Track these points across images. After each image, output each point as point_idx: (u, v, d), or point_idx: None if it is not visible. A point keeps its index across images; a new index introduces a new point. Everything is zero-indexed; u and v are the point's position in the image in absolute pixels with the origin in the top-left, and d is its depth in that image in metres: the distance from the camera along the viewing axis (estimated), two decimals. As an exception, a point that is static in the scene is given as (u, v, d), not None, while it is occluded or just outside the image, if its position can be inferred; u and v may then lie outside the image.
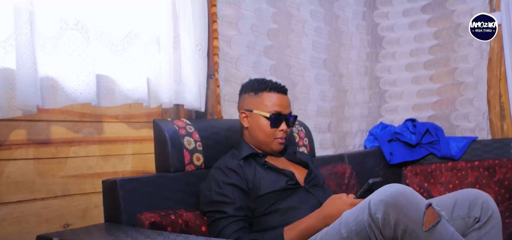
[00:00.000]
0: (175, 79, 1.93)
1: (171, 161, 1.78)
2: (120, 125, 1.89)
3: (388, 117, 3.38)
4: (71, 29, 1.58)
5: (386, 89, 3.41)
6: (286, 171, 1.77)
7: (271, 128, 1.78)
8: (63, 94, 1.57)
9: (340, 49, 3.03)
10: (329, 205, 1.59)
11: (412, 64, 3.34)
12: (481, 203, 1.55)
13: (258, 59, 2.41)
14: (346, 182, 2.44)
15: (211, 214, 1.65)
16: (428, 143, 3.02)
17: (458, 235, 1.30)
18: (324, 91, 2.85)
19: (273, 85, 1.82)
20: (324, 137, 2.80)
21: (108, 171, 1.83)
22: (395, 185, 1.31)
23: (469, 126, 3.09)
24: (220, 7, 2.22)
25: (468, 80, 3.10)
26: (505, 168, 2.69)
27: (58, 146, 1.70)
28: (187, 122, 1.89)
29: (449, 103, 3.18)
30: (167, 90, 1.88)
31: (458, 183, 2.82)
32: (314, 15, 2.83)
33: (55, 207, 1.66)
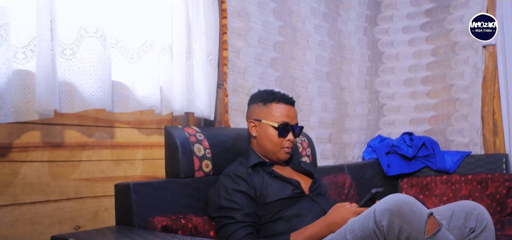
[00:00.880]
0: (187, 87, 1.99)
1: (182, 167, 1.84)
2: (131, 131, 1.94)
3: (386, 130, 3.46)
4: (90, 37, 1.63)
5: (385, 103, 3.49)
6: (292, 180, 1.84)
7: (279, 138, 1.85)
8: (80, 99, 1.62)
9: (342, 62, 3.11)
10: (334, 212, 1.66)
11: (410, 79, 3.42)
12: (476, 214, 1.63)
13: (265, 70, 2.48)
14: (346, 192, 2.51)
15: (220, 219, 1.71)
16: (424, 156, 3.10)
17: (458, 243, 1.38)
18: (326, 103, 2.92)
19: (282, 97, 1.89)
20: (325, 148, 2.87)
21: (119, 175, 1.88)
22: (399, 195, 1.39)
23: (464, 141, 3.17)
24: (230, 19, 2.29)
25: (463, 97, 3.19)
26: (497, 182, 2.77)
27: (73, 149, 1.74)
28: (197, 130, 1.95)
29: (444, 118, 3.27)
30: (179, 98, 1.94)
31: (452, 195, 2.89)
32: (318, 29, 2.91)
33: (67, 209, 1.71)
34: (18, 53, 1.52)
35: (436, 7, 3.31)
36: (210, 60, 2.03)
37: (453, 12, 3.23)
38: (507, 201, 2.69)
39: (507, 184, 2.73)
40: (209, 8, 2.05)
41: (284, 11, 2.65)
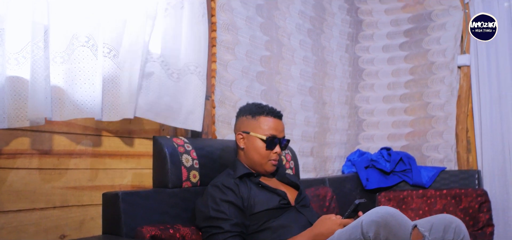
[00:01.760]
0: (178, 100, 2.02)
1: (170, 177, 1.86)
2: (120, 139, 1.94)
3: (365, 145, 3.54)
4: (82, 46, 1.64)
5: (364, 118, 3.58)
6: (279, 191, 1.88)
7: (266, 150, 1.89)
8: (71, 106, 1.63)
9: (325, 78, 3.18)
10: (320, 224, 1.71)
11: (389, 96, 3.51)
12: (454, 227, 1.70)
13: (251, 84, 2.52)
14: (327, 204, 2.56)
15: (208, 229, 1.73)
16: (401, 171, 3.19)
17: (440, 254, 1.45)
18: (308, 117, 2.98)
19: (270, 110, 1.93)
20: (307, 161, 2.92)
21: (106, 184, 1.88)
22: (385, 207, 1.45)
23: (439, 157, 3.27)
24: (220, 32, 2.33)
25: (439, 115, 3.30)
26: (470, 197, 2.87)
27: (60, 157, 1.74)
28: (185, 140, 1.97)
29: (421, 134, 3.36)
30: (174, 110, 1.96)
31: (428, 209, 2.98)
32: (302, 45, 2.98)
33: (53, 218, 1.69)
34: (10, 59, 1.52)
35: (414, 28, 3.43)
36: (199, 72, 2.06)
37: (430, 33, 3.35)
38: (479, 215, 2.79)
39: (479, 199, 2.83)
40: (199, 20, 2.08)
41: (271, 26, 2.71)
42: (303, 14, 3.02)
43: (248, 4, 2.55)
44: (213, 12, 2.31)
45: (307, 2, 3.06)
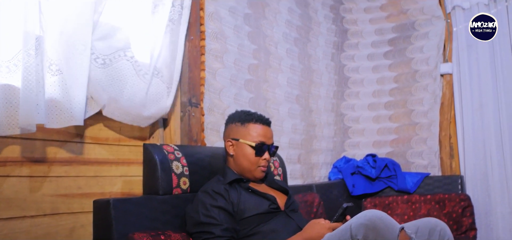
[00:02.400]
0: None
1: (160, 184, 1.87)
2: (109, 147, 1.96)
3: (351, 152, 3.59)
4: (80, 54, 1.66)
5: (350, 126, 3.63)
6: (268, 195, 1.90)
7: (256, 157, 1.91)
8: (66, 114, 1.64)
9: (311, 86, 3.23)
10: (310, 228, 1.74)
11: (374, 104, 3.57)
12: (439, 230, 1.75)
13: (239, 92, 2.55)
14: (314, 210, 2.60)
15: (199, 235, 1.75)
16: (387, 177, 3.24)
17: (426, 256, 1.49)
18: (295, 124, 3.02)
19: (259, 117, 1.96)
20: (294, 168, 2.96)
21: (96, 192, 1.89)
22: (373, 211, 1.49)
23: (423, 163, 3.34)
24: (208, 41, 2.36)
25: (422, 122, 3.36)
26: (454, 202, 2.93)
27: (51, 165, 1.75)
28: (175, 148, 1.99)
29: (405, 141, 3.43)
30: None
31: (413, 214, 3.03)
32: (289, 53, 3.02)
33: (43, 225, 1.70)
34: (1, 66, 1.53)
35: (398, 37, 3.51)
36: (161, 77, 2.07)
37: (414, 42, 3.43)
38: (463, 219, 2.86)
39: (462, 204, 2.89)
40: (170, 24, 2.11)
41: (259, 35, 2.75)
42: (290, 23, 3.07)
43: (236, 13, 2.59)
44: (202, 21, 2.34)
45: (293, 11, 3.11)
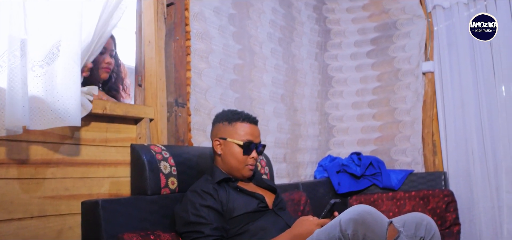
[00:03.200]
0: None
1: (149, 184, 1.87)
2: (96, 148, 1.95)
3: (335, 150, 3.62)
4: (63, 55, 1.65)
5: (334, 124, 3.67)
6: (257, 194, 1.92)
7: (243, 155, 1.93)
8: (51, 115, 1.62)
9: (295, 85, 3.26)
10: (299, 225, 1.76)
11: (358, 102, 3.62)
12: (425, 224, 1.79)
13: (225, 91, 2.56)
14: (301, 208, 2.62)
15: (188, 234, 1.75)
16: (371, 175, 3.28)
17: (414, 249, 1.52)
18: (281, 123, 3.04)
19: (246, 116, 1.98)
20: (280, 167, 2.97)
21: (83, 193, 1.87)
22: (362, 206, 1.51)
23: (406, 160, 3.39)
24: (194, 41, 2.36)
25: (405, 119, 3.42)
26: (437, 198, 2.98)
27: (38, 166, 1.73)
28: (163, 148, 1.99)
29: (389, 139, 3.48)
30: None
31: (398, 211, 3.07)
32: (274, 53, 3.04)
33: (31, 228, 1.68)
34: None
35: (381, 36, 3.56)
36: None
37: (396, 41, 3.49)
38: (446, 215, 2.91)
39: (446, 199, 2.95)
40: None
41: (243, 35, 2.76)
42: (274, 23, 3.09)
43: (220, 13, 2.60)
44: (187, 21, 2.35)
45: (277, 11, 3.14)
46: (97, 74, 2.24)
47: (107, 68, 2.25)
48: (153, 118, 2.17)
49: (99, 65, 2.22)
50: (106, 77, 2.28)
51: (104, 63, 2.23)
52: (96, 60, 2.13)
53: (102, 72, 2.25)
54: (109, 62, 2.25)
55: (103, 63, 2.23)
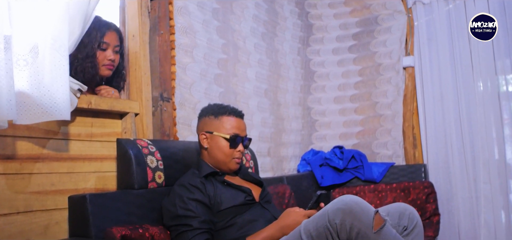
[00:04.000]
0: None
1: (135, 178, 1.87)
2: (82, 143, 1.93)
3: (318, 144, 3.67)
4: (49, 48, 1.63)
5: (317, 119, 3.71)
6: (244, 188, 1.94)
7: (230, 149, 1.95)
8: (38, 110, 1.60)
9: (279, 80, 3.28)
10: (286, 216, 1.79)
11: (340, 97, 3.66)
12: (408, 214, 1.85)
13: (209, 86, 2.57)
14: (286, 201, 2.65)
15: (177, 227, 1.77)
16: (354, 168, 3.34)
17: (399, 236, 1.56)
18: (265, 118, 3.06)
19: (232, 110, 1.99)
20: (264, 161, 3.00)
21: (69, 188, 1.86)
22: (349, 196, 1.55)
23: (387, 153, 3.46)
24: (178, 35, 2.36)
25: (386, 113, 3.48)
26: (418, 190, 3.05)
27: (23, 162, 1.71)
28: (149, 142, 1.99)
29: (370, 133, 3.54)
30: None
31: (379, 203, 3.13)
32: (257, 48, 3.06)
33: (17, 223, 1.66)
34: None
35: (362, 32, 3.61)
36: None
37: (377, 36, 3.54)
38: (427, 206, 2.98)
39: (426, 191, 3.01)
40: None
41: (227, 29, 2.77)
42: (257, 18, 3.11)
43: (204, 8, 2.60)
44: (171, 15, 2.34)
45: (260, 6, 3.15)
46: (96, 71, 2.02)
47: (109, 65, 2.07)
48: (139, 113, 2.16)
49: (101, 62, 2.04)
50: (109, 74, 2.10)
51: (106, 60, 2.05)
52: (96, 56, 2.01)
53: (104, 69, 2.06)
54: (112, 58, 2.06)
55: (105, 60, 2.05)
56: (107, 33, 2.05)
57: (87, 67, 1.99)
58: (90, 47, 1.99)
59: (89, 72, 1.99)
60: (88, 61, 1.99)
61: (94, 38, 2.00)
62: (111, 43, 2.07)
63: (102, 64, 2.06)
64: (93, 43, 2.00)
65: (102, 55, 2.05)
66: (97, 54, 2.03)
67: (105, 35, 2.04)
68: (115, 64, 2.10)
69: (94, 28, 1.99)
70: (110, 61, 2.07)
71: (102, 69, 2.07)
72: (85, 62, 1.98)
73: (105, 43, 2.04)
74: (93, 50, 2.00)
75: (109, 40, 2.06)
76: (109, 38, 2.06)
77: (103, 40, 2.03)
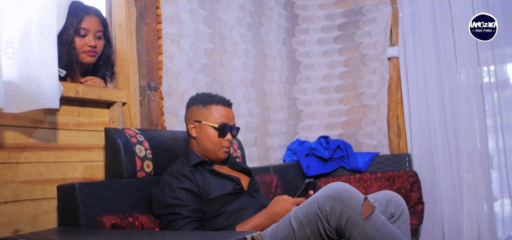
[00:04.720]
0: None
1: (124, 167, 1.87)
2: (69, 132, 1.92)
3: (304, 134, 3.69)
4: (37, 35, 1.61)
5: (302, 109, 3.73)
6: (232, 177, 1.95)
7: (218, 138, 1.96)
8: (27, 98, 1.59)
9: (265, 70, 3.29)
10: (275, 204, 1.81)
11: (325, 87, 3.69)
12: (394, 201, 1.88)
13: (196, 76, 2.57)
14: (273, 191, 2.67)
15: (166, 216, 1.77)
16: (339, 157, 3.37)
17: (387, 222, 1.59)
18: (251, 108, 3.07)
19: (220, 99, 2.00)
20: (251, 151, 3.01)
21: (58, 178, 1.85)
22: (339, 183, 1.58)
23: (372, 143, 3.50)
24: (165, 24, 2.35)
25: (371, 103, 3.52)
26: (402, 179, 3.10)
27: (10, 151, 1.70)
28: (137, 131, 1.98)
29: (355, 123, 3.57)
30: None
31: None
32: (243, 38, 3.06)
33: (5, 213, 1.65)
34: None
35: (347, 22, 3.64)
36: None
37: (362, 27, 3.57)
38: (411, 194, 3.03)
39: (410, 180, 3.07)
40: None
41: (213, 19, 2.77)
42: (243, 7, 3.11)
43: (191, -4, 2.60)
44: (158, 4, 2.33)
45: (246, -4, 3.16)
46: (74, 58, 1.97)
47: (90, 51, 2.01)
48: (126, 102, 2.15)
49: (80, 49, 1.99)
50: (92, 61, 2.05)
51: (86, 46, 2.00)
52: (74, 42, 1.96)
53: (84, 56, 2.01)
54: (93, 44, 2.01)
55: (85, 46, 1.99)
56: (85, 18, 1.98)
57: (63, 54, 1.92)
58: (66, 34, 1.92)
59: (65, 59, 1.93)
60: (64, 48, 1.93)
61: (71, 24, 1.94)
62: (90, 29, 2.00)
63: (82, 51, 1.99)
64: (69, 29, 1.93)
65: (81, 41, 1.99)
66: (76, 41, 1.97)
67: (83, 20, 1.98)
68: (97, 50, 2.04)
69: (71, 14, 1.92)
70: (91, 47, 2.00)
71: (82, 56, 2.01)
72: (61, 50, 1.90)
73: (84, 29, 1.98)
74: (69, 36, 1.94)
75: (88, 25, 2.00)
76: (87, 23, 2.00)
77: (80, 26, 1.97)
